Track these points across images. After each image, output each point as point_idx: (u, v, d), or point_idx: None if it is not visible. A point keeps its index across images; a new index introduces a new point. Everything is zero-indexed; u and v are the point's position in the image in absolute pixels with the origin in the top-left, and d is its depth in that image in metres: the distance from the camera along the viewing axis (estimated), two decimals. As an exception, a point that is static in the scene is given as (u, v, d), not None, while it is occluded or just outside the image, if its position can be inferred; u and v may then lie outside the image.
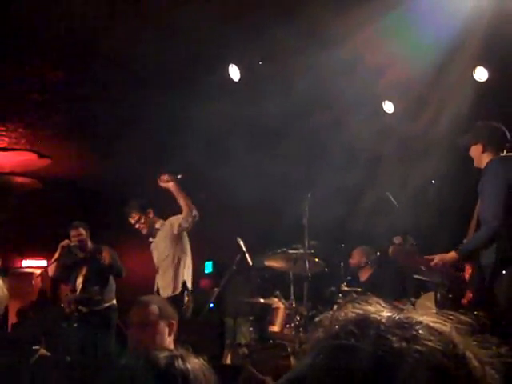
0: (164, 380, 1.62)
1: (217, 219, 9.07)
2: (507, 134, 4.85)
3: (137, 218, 7.03)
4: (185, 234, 6.95)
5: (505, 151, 4.81)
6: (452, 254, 4.63)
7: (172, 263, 6.89)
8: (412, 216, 6.75)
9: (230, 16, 5.59)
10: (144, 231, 7.09)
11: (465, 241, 4.79)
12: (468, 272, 4.64)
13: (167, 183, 6.81)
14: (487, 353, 0.85)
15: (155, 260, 7.05)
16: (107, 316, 7.57)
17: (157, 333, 3.49)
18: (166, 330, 3.51)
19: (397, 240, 5.45)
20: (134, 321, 3.65)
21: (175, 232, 6.81)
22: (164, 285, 6.89)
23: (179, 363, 1.65)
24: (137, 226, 7.05)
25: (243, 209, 9.01)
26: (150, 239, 7.13)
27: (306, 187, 6.31)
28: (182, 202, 6.73)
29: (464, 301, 4.57)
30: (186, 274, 6.89)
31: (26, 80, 6.82)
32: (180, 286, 6.79)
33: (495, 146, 4.80)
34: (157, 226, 7.03)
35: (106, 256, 7.52)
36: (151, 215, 7.05)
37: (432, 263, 4.68)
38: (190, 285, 6.91)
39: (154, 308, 3.59)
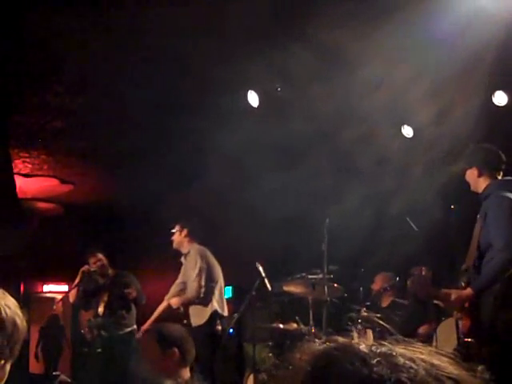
0: None
1: (236, 245, 9.08)
2: (502, 155, 4.74)
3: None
4: (211, 259, 7.08)
5: (501, 173, 4.72)
6: (468, 291, 4.54)
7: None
8: (431, 241, 6.71)
9: (247, 42, 5.65)
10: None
11: (464, 266, 4.70)
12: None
13: None
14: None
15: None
16: (129, 341, 7.56)
17: (155, 359, 3.47)
18: (166, 357, 3.47)
19: (415, 271, 5.44)
20: (141, 348, 3.71)
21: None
22: (193, 313, 6.96)
23: None
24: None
25: (263, 234, 9.01)
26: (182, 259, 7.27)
27: (326, 213, 6.31)
28: None
29: (463, 329, 4.50)
30: (217, 302, 6.94)
31: (47, 107, 6.93)
32: (208, 314, 6.84)
33: (491, 168, 4.70)
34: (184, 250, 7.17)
35: (133, 292, 7.54)
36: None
37: (451, 300, 4.60)
38: (225, 312, 7.01)
39: (151, 334, 3.63)
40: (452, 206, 5.60)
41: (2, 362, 1.57)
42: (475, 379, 0.84)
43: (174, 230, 7.24)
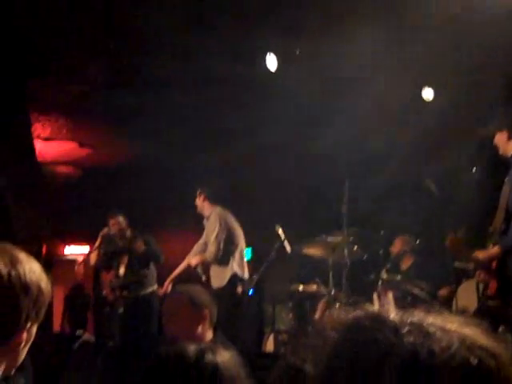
0: (194, 372, 1.63)
1: (256, 206, 9.10)
2: None
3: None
4: (232, 222, 7.12)
5: None
6: (496, 249, 4.52)
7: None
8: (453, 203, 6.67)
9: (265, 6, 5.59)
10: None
11: (491, 228, 4.65)
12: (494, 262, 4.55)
13: None
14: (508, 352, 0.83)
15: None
16: (150, 301, 7.64)
17: (186, 322, 3.44)
18: (198, 319, 3.45)
19: (450, 233, 5.42)
20: (164, 310, 3.69)
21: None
22: (214, 274, 7.04)
23: (209, 356, 1.66)
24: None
25: (283, 196, 9.01)
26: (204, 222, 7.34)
27: (347, 174, 6.27)
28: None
29: (489, 291, 4.49)
30: (237, 265, 7.02)
31: (65, 71, 6.91)
32: (228, 277, 6.90)
33: None
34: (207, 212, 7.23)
35: (140, 246, 7.58)
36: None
37: (481, 260, 4.57)
38: (245, 275, 7.11)
39: (182, 297, 3.57)
40: (474, 169, 5.53)
41: (29, 324, 1.59)
42: (506, 350, 0.82)
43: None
